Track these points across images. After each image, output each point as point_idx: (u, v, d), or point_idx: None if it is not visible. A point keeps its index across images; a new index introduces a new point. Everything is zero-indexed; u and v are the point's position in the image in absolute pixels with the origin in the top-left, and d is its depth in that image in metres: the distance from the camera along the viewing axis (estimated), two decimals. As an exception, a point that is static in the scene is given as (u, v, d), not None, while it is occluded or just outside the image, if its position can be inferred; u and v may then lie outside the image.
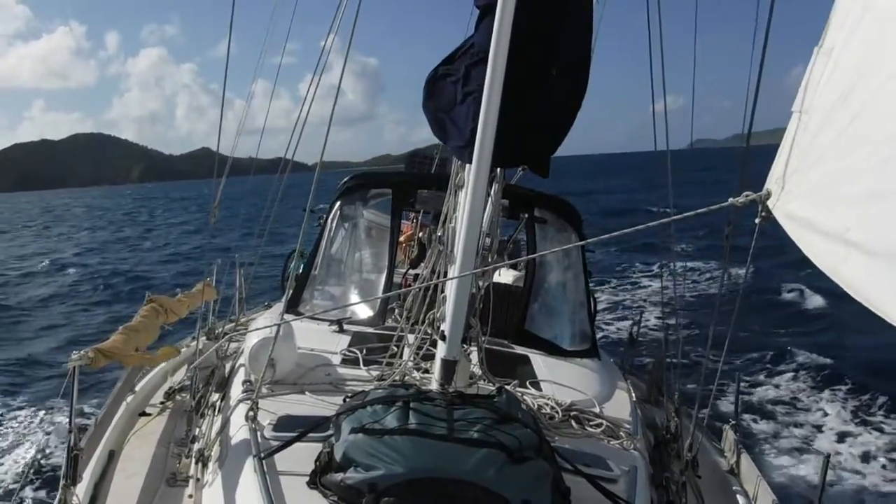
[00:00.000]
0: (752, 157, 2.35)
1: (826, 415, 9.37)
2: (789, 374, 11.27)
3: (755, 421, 8.50)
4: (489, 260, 3.61)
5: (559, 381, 4.06)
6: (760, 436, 8.05)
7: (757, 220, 2.40)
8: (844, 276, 1.85)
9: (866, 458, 7.76)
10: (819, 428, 8.83)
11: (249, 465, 2.57)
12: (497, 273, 6.49)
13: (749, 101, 2.95)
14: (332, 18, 3.80)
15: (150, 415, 4.01)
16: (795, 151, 2.23)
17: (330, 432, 2.64)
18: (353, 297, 5.28)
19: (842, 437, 8.60)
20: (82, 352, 2.75)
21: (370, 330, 4.50)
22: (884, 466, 7.52)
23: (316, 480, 2.45)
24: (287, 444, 2.67)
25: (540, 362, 4.40)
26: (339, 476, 2.37)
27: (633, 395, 4.35)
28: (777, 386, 10.63)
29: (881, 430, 8.73)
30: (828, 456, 2.62)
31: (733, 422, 4.33)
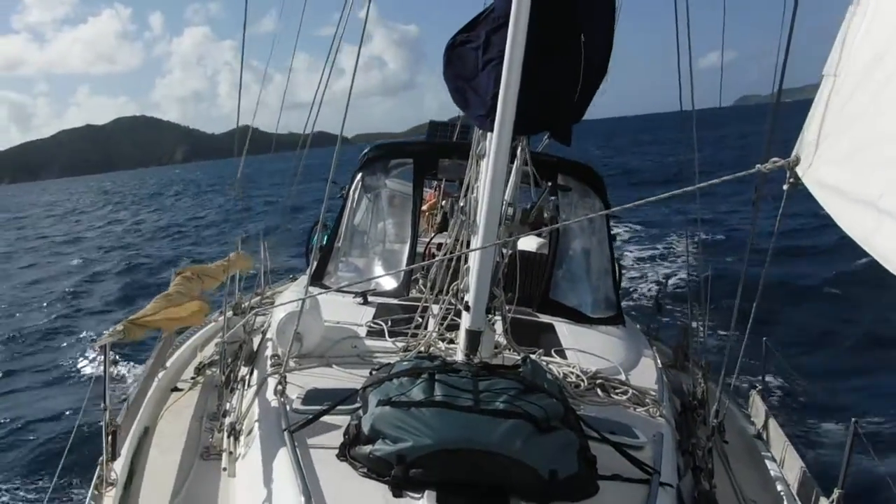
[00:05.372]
0: (795, 113, 2.29)
1: (856, 381, 9.25)
2: (819, 341, 11.10)
3: (783, 386, 8.43)
4: (512, 230, 3.59)
5: (584, 349, 4.06)
6: (788, 401, 7.99)
7: (785, 187, 2.35)
8: (877, 246, 1.80)
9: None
10: (849, 393, 8.74)
11: (280, 439, 2.62)
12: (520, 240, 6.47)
13: (779, 63, 2.86)
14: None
15: (181, 390, 4.09)
16: (827, 116, 2.17)
17: (357, 405, 2.67)
18: (377, 268, 5.30)
19: (872, 401, 8.52)
20: (112, 328, 2.80)
21: (395, 301, 4.52)
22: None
23: (345, 453, 2.49)
24: (315, 417, 2.71)
25: (565, 330, 4.40)
26: (367, 448, 2.40)
27: (659, 361, 4.34)
28: (806, 352, 10.49)
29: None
30: (855, 421, 2.60)
31: (760, 387, 4.31)
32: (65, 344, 13.75)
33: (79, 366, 11.85)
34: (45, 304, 18.36)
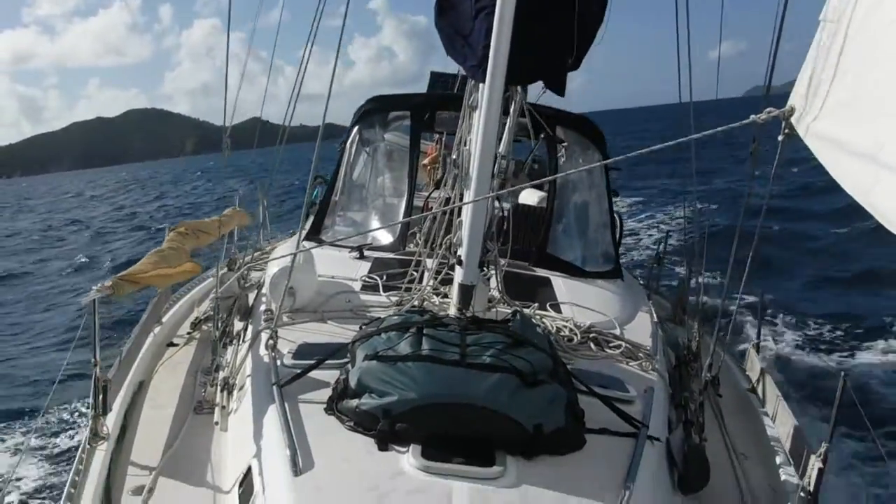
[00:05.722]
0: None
1: (850, 337, 9.29)
2: (815, 295, 11.11)
3: (780, 339, 8.47)
4: (507, 182, 3.54)
5: (580, 303, 4.05)
6: (784, 355, 8.03)
7: (780, 138, 2.29)
8: (875, 201, 1.73)
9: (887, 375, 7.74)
10: (842, 350, 8.78)
11: (269, 393, 2.64)
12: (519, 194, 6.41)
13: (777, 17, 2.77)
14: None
15: (177, 345, 4.08)
16: (822, 64, 2.09)
17: (346, 359, 2.68)
18: (375, 222, 5.27)
19: (864, 354, 8.57)
20: (101, 284, 2.79)
21: (390, 255, 4.50)
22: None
23: (333, 406, 2.51)
24: (304, 372, 2.72)
25: (561, 284, 4.38)
26: (354, 402, 2.41)
27: (655, 315, 4.32)
28: (802, 307, 10.51)
29: None
30: (844, 375, 2.58)
31: (756, 341, 4.30)
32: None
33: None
34: (78, 276, 18.71)
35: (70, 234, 30.61)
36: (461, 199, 3.49)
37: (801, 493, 2.61)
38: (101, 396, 2.76)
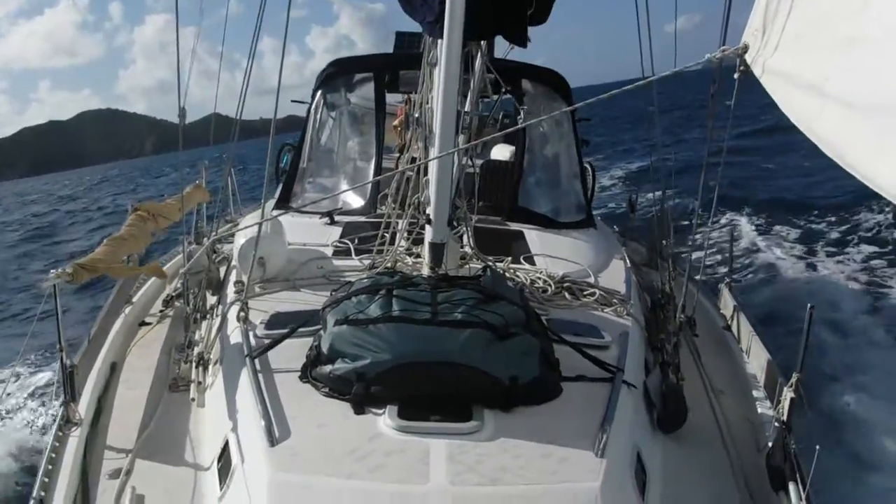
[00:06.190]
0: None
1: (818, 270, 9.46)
2: (784, 228, 11.25)
3: (752, 277, 8.57)
4: (471, 139, 3.51)
5: (553, 255, 4.06)
6: (756, 291, 8.14)
7: (736, 76, 2.29)
8: (818, 131, 1.76)
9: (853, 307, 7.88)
10: (814, 280, 8.92)
11: (243, 366, 2.62)
12: (491, 150, 6.38)
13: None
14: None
15: (150, 324, 4.01)
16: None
17: (319, 326, 2.67)
18: (344, 187, 5.23)
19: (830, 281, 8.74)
20: (60, 269, 2.70)
21: (362, 219, 4.47)
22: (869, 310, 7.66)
23: (307, 374, 2.50)
24: (276, 342, 2.70)
25: (534, 237, 4.38)
26: (327, 368, 2.41)
27: (629, 261, 4.35)
28: (773, 240, 10.64)
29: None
30: (811, 307, 2.62)
31: (728, 279, 4.35)
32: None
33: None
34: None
35: (49, 228, 29.98)
36: (426, 158, 3.46)
37: (776, 424, 2.67)
38: (68, 382, 2.69)
